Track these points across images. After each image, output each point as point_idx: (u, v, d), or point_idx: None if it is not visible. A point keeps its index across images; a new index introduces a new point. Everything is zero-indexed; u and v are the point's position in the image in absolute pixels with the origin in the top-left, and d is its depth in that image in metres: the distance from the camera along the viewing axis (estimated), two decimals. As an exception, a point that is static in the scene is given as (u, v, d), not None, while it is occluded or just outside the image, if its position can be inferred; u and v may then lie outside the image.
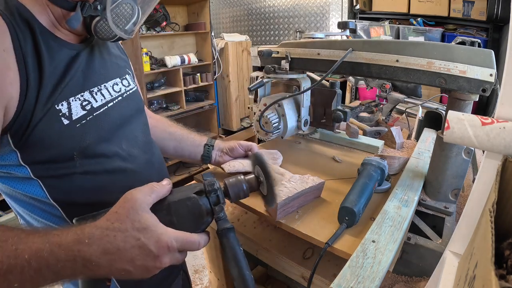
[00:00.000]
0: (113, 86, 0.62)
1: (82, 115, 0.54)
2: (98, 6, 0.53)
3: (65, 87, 0.52)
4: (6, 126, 0.47)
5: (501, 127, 0.39)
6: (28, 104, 0.47)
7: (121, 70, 0.67)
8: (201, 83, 2.99)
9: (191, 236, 0.47)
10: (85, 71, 0.57)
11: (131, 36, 0.60)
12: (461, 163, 0.71)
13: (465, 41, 1.14)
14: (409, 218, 0.63)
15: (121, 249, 0.41)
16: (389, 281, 0.65)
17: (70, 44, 0.56)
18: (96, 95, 0.58)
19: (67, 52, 0.55)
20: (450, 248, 0.51)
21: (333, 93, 0.98)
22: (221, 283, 0.96)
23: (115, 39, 0.58)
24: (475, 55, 0.61)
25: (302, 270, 0.67)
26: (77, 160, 0.54)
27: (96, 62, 0.60)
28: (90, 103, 0.56)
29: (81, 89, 0.55)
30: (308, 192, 0.71)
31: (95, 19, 0.54)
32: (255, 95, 1.09)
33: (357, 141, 1.05)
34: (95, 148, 0.56)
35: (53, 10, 0.52)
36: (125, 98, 0.65)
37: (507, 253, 0.30)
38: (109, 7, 0.53)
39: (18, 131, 0.47)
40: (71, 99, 0.53)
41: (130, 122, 0.65)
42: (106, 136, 0.58)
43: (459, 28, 2.54)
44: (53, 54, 0.52)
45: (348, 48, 0.77)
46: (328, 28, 2.89)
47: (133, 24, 0.58)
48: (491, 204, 0.29)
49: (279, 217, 0.68)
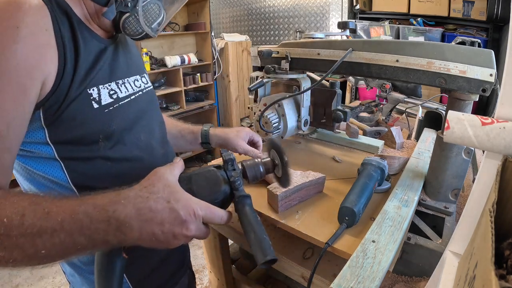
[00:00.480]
0: (134, 82, 0.66)
1: (110, 102, 0.57)
2: (129, 3, 0.57)
3: (96, 75, 0.56)
4: (40, 101, 0.48)
5: (501, 127, 0.39)
6: (64, 84, 0.50)
7: (140, 68, 0.71)
8: (201, 83, 2.99)
9: (215, 208, 0.49)
10: (111, 64, 0.60)
11: (155, 34, 0.63)
12: (461, 163, 0.71)
13: (465, 41, 1.14)
14: (409, 218, 0.63)
15: (153, 210, 0.43)
16: (389, 281, 0.65)
17: (99, 37, 0.59)
18: (121, 87, 0.62)
19: (97, 44, 0.58)
20: (450, 248, 0.51)
21: (333, 93, 0.98)
22: (221, 283, 0.96)
23: (141, 36, 0.61)
24: (475, 55, 0.61)
25: (302, 270, 0.67)
26: (101, 144, 0.56)
27: (120, 58, 0.63)
28: (116, 93, 0.60)
29: (108, 80, 0.58)
30: (309, 186, 0.73)
31: (124, 15, 0.58)
32: (255, 95, 1.09)
33: (357, 141, 1.05)
34: (118, 135, 0.59)
35: (86, 4, 0.56)
36: (144, 94, 0.68)
37: (507, 253, 0.30)
38: (141, 3, 0.57)
39: (51, 108, 0.49)
40: (100, 87, 0.56)
41: (149, 116, 0.68)
42: (128, 126, 0.61)
43: (459, 28, 2.54)
44: (86, 42, 0.55)
45: (348, 48, 0.77)
46: (328, 28, 2.90)
47: (158, 24, 0.62)
48: (491, 204, 0.29)
49: (281, 209, 0.70)
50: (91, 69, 0.55)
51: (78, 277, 0.67)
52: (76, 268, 0.65)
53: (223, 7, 3.73)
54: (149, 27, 0.60)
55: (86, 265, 0.64)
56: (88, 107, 0.53)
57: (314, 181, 0.74)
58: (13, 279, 2.01)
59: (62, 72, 0.49)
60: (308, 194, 0.74)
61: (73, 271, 0.67)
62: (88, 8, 0.56)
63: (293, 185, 0.70)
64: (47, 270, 2.08)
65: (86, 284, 0.66)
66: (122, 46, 0.66)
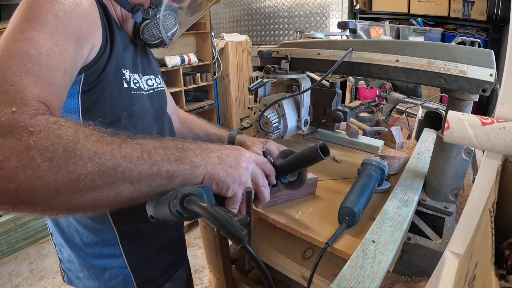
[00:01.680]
0: (147, 81, 0.70)
1: (135, 88, 0.64)
2: (150, 11, 0.64)
3: (126, 61, 0.62)
4: (85, 66, 0.53)
5: (501, 127, 0.39)
6: (104, 58, 0.56)
7: (155, 70, 0.77)
8: (201, 83, 2.99)
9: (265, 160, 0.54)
10: (133, 58, 0.66)
11: (169, 43, 0.71)
12: (461, 163, 0.71)
13: (465, 41, 1.14)
14: (409, 218, 0.63)
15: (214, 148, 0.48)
16: (389, 281, 0.65)
17: (125, 34, 0.66)
18: (141, 80, 0.68)
19: (125, 37, 0.65)
20: (450, 248, 0.51)
21: (333, 93, 0.98)
22: (221, 283, 0.96)
23: (156, 43, 0.68)
24: (475, 55, 0.61)
25: (302, 270, 0.67)
26: (122, 122, 0.61)
27: (139, 56, 0.69)
28: (139, 83, 0.66)
29: (132, 70, 0.64)
30: None
31: (145, 21, 0.64)
32: (255, 95, 1.09)
33: (357, 141, 1.05)
34: (136, 119, 0.63)
35: (115, 7, 0.63)
36: (156, 93, 0.73)
37: (507, 253, 0.30)
38: (162, 12, 0.65)
39: (92, 75, 0.54)
40: (130, 72, 0.63)
41: (160, 113, 0.73)
42: (144, 114, 0.66)
43: (459, 28, 2.54)
44: (118, 33, 0.61)
45: (348, 48, 0.77)
46: (328, 28, 2.90)
47: (172, 34, 0.70)
48: (491, 204, 0.29)
49: (265, 206, 0.70)
50: (123, 55, 0.61)
51: (77, 262, 0.68)
52: (76, 249, 0.67)
53: (223, 7, 3.73)
54: (165, 35, 0.68)
55: (87, 246, 0.66)
56: (119, 84, 0.59)
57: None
58: (13, 279, 2.01)
59: (104, 48, 0.56)
60: (297, 194, 0.74)
61: (71, 255, 0.68)
62: (116, 12, 0.63)
63: (278, 183, 0.70)
64: (47, 270, 2.08)
65: (85, 270, 0.68)
66: (140, 47, 0.71)
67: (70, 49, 0.47)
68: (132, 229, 0.67)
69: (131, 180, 0.39)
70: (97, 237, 0.65)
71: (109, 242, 0.65)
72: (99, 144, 0.38)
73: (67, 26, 0.47)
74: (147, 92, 0.68)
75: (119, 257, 0.67)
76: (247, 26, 3.55)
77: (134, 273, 0.69)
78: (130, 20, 0.64)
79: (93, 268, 0.67)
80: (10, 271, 2.08)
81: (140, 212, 0.46)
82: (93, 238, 0.65)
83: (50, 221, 0.70)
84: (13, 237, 2.22)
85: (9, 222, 2.18)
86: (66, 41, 0.46)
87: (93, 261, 0.66)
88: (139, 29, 0.65)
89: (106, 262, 0.67)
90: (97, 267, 0.67)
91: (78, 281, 0.71)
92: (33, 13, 0.44)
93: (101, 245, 0.66)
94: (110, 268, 0.67)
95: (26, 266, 2.12)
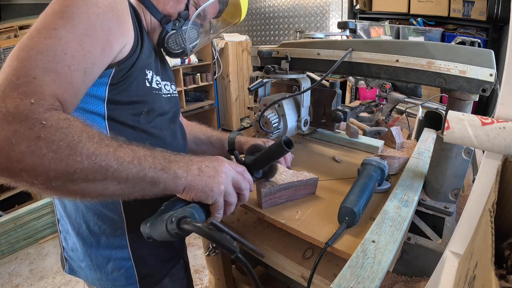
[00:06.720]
0: (165, 86, 0.74)
1: (156, 88, 0.68)
2: (177, 23, 0.70)
3: (151, 63, 0.67)
4: (117, 62, 0.57)
5: (501, 127, 0.39)
6: (133, 57, 0.60)
7: (171, 77, 0.82)
8: (201, 83, 3.00)
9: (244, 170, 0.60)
10: (155, 63, 0.71)
11: (189, 54, 0.76)
12: (461, 163, 0.71)
13: (465, 41, 1.14)
14: (409, 218, 0.63)
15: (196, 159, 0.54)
16: (389, 281, 0.65)
17: (150, 40, 0.70)
18: (161, 83, 0.72)
19: (149, 43, 0.69)
20: (450, 248, 0.51)
21: (333, 93, 0.98)
22: (221, 283, 0.96)
23: (178, 53, 0.74)
24: (475, 55, 0.61)
25: (302, 270, 0.67)
26: (142, 117, 0.64)
27: (159, 63, 0.74)
28: (160, 84, 0.70)
29: (154, 73, 0.68)
30: (298, 185, 0.73)
31: (170, 32, 0.70)
32: (255, 95, 1.09)
33: (357, 141, 1.05)
34: (154, 117, 0.67)
35: (145, 15, 0.68)
36: (172, 98, 0.77)
37: (507, 253, 0.30)
38: (189, 24, 0.71)
39: (121, 71, 0.58)
40: (153, 73, 0.67)
41: (174, 116, 0.77)
42: (162, 113, 0.70)
43: (459, 28, 2.54)
44: (146, 37, 0.66)
45: (348, 48, 0.77)
46: (328, 28, 2.90)
47: (193, 46, 0.76)
48: (491, 204, 0.29)
49: (265, 206, 0.71)
50: (149, 57, 0.66)
51: (80, 250, 0.68)
52: (81, 237, 0.67)
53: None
54: (189, 46, 0.74)
55: (93, 235, 0.66)
56: (143, 83, 0.64)
57: (304, 181, 0.73)
58: (13, 279, 2.01)
59: (135, 48, 0.60)
60: (297, 194, 0.74)
61: (76, 243, 0.69)
62: (146, 19, 0.68)
63: (279, 182, 0.70)
64: (47, 270, 2.08)
65: (88, 259, 0.68)
66: (160, 56, 0.76)
67: (96, 50, 0.50)
68: (140, 221, 0.67)
69: (118, 180, 0.45)
70: (105, 225, 0.65)
71: (116, 231, 0.66)
72: (98, 145, 0.43)
73: (97, 29, 0.50)
74: (165, 95, 0.72)
75: (124, 249, 0.67)
76: (247, 26, 3.55)
77: (136, 265, 0.69)
78: (157, 30, 0.70)
79: (96, 257, 0.67)
80: (10, 271, 2.08)
81: (151, 203, 0.52)
82: (100, 226, 0.65)
83: (58, 207, 0.70)
84: (13, 237, 2.22)
85: (9, 222, 2.18)
86: (93, 42, 0.49)
87: (97, 251, 0.67)
88: (164, 37, 0.70)
89: (111, 252, 0.67)
90: (100, 257, 0.67)
91: (80, 270, 0.71)
92: (69, 12, 0.47)
93: (107, 235, 0.66)
94: (114, 259, 0.67)
95: (26, 266, 2.12)
